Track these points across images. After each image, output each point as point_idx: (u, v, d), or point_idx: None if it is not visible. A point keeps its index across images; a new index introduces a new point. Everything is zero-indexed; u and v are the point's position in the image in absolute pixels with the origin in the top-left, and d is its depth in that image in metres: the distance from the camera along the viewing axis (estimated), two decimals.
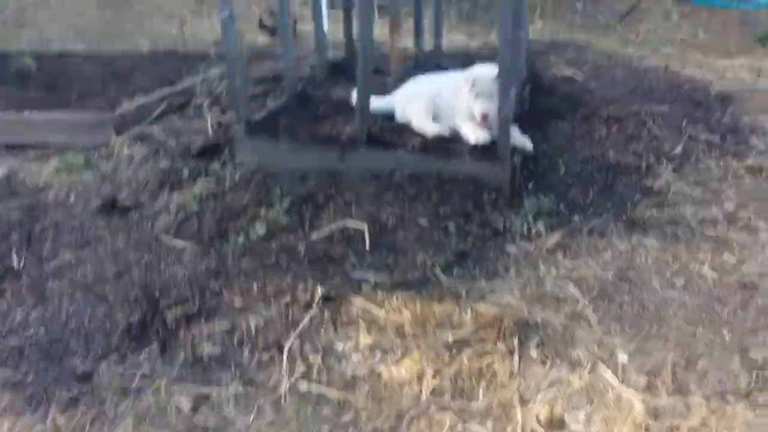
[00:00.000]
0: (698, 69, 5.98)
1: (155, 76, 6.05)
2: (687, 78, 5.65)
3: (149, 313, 2.86)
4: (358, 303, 2.87)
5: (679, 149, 4.20)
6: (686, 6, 8.34)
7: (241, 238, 3.38)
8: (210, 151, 4.40)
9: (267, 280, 3.05)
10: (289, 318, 2.81)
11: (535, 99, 4.91)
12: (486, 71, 3.87)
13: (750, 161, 4.12)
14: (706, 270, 3.09)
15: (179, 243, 3.40)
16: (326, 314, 2.83)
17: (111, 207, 3.79)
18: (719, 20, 7.83)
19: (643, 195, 3.79)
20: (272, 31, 7.36)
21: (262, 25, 7.69)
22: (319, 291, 2.92)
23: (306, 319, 2.78)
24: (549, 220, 3.54)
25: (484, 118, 3.78)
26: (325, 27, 7.28)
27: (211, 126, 4.76)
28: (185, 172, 4.06)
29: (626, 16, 7.97)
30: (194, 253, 3.30)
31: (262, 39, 7.52)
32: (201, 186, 3.93)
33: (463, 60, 5.55)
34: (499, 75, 3.65)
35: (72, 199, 3.91)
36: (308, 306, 2.85)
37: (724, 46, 6.78)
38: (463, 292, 2.96)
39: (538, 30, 7.31)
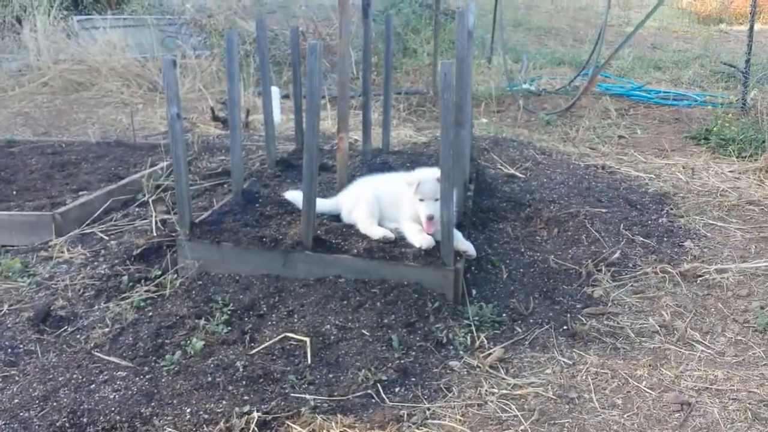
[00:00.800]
0: (635, 167, 6.22)
1: (102, 169, 6.00)
2: (624, 177, 5.86)
3: None
4: (295, 431, 2.78)
5: (617, 255, 4.30)
6: (624, 102, 8.75)
7: (177, 355, 3.28)
8: (152, 254, 4.34)
9: (201, 403, 2.93)
10: None
11: (478, 199, 5.00)
12: (430, 173, 3.95)
13: (685, 266, 4.23)
14: (644, 387, 3.11)
15: (113, 360, 3.28)
16: None
17: (44, 318, 3.66)
18: (656, 116, 8.21)
19: (584, 304, 3.84)
20: (225, 123, 7.43)
21: (215, 117, 7.76)
22: (256, 416, 2.82)
23: None
24: (492, 330, 3.55)
25: (430, 219, 3.82)
26: (277, 118, 7.40)
27: (156, 225, 4.70)
28: (124, 279, 3.97)
29: (567, 110, 8.29)
30: (127, 372, 3.18)
31: (215, 130, 7.57)
32: (140, 293, 3.84)
33: (410, 157, 5.69)
34: (442, 181, 3.71)
35: (5, 308, 3.77)
36: None
37: (660, 144, 7.07)
38: (405, 415, 2.90)
39: (482, 125, 7.54)
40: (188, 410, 2.90)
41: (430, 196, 3.83)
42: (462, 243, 3.94)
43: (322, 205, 4.27)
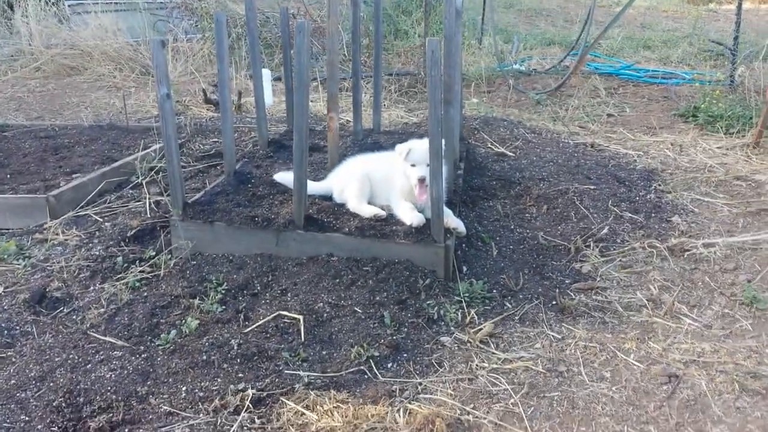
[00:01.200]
0: (624, 145, 6.25)
1: (96, 152, 6.00)
2: (613, 155, 5.90)
3: (71, 423, 2.75)
4: (289, 407, 2.83)
5: (605, 231, 4.35)
6: (614, 81, 8.77)
7: (172, 334, 3.32)
8: (146, 235, 4.36)
9: (197, 381, 2.98)
10: (218, 425, 2.74)
11: (468, 177, 5.04)
12: (421, 141, 3.98)
13: (673, 241, 4.28)
14: (632, 360, 3.16)
15: (108, 340, 3.32)
16: (256, 421, 2.76)
17: (40, 300, 3.69)
18: (645, 95, 8.24)
19: (573, 280, 3.90)
20: (218, 105, 7.41)
21: (207, 100, 7.74)
22: (250, 393, 2.87)
23: (235, 427, 2.72)
24: (482, 306, 3.60)
25: (422, 182, 3.85)
26: (269, 100, 7.39)
27: (149, 206, 4.72)
28: (119, 260, 4.01)
29: (557, 90, 8.31)
30: (123, 351, 3.22)
31: (207, 112, 7.56)
32: (134, 274, 3.87)
33: (401, 137, 5.70)
34: (431, 158, 3.71)
35: (1, 291, 3.80)
36: (238, 411, 2.79)
37: (649, 122, 7.11)
38: (397, 390, 2.95)
39: (473, 105, 7.55)
40: (184, 388, 2.95)
41: (421, 160, 3.85)
42: (452, 220, 3.97)
43: (314, 187, 4.30)
